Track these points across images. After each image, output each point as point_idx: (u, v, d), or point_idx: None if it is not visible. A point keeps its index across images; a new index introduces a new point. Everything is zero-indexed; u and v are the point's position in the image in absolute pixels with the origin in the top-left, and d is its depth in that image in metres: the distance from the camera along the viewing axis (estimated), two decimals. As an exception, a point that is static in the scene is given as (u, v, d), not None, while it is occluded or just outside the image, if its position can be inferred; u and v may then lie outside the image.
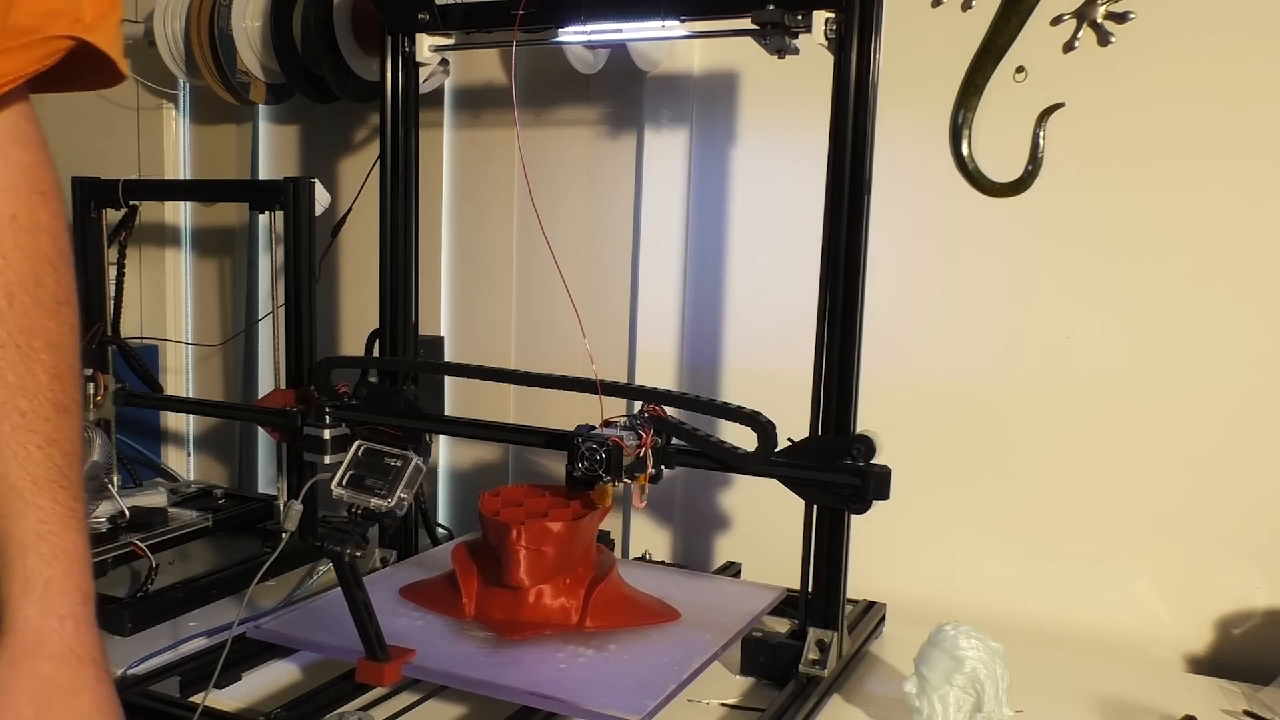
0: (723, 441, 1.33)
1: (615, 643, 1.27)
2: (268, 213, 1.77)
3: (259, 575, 1.28)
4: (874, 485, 1.27)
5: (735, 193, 1.78)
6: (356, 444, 1.19)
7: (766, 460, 1.30)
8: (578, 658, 1.23)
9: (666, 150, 1.80)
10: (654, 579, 1.47)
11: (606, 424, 1.31)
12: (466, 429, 1.67)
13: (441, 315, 2.02)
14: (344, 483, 1.17)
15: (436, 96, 1.95)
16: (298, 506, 1.23)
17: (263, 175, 2.17)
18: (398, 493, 1.15)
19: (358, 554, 1.12)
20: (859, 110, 1.28)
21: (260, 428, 2.06)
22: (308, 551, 1.66)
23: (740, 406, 1.30)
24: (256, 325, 2.18)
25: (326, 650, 1.27)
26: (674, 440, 1.34)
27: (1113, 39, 1.51)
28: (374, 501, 1.15)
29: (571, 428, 1.31)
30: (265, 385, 2.15)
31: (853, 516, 1.31)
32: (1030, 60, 1.56)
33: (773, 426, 1.28)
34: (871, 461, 1.28)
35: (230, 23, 1.89)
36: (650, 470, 1.30)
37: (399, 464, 1.16)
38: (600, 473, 1.26)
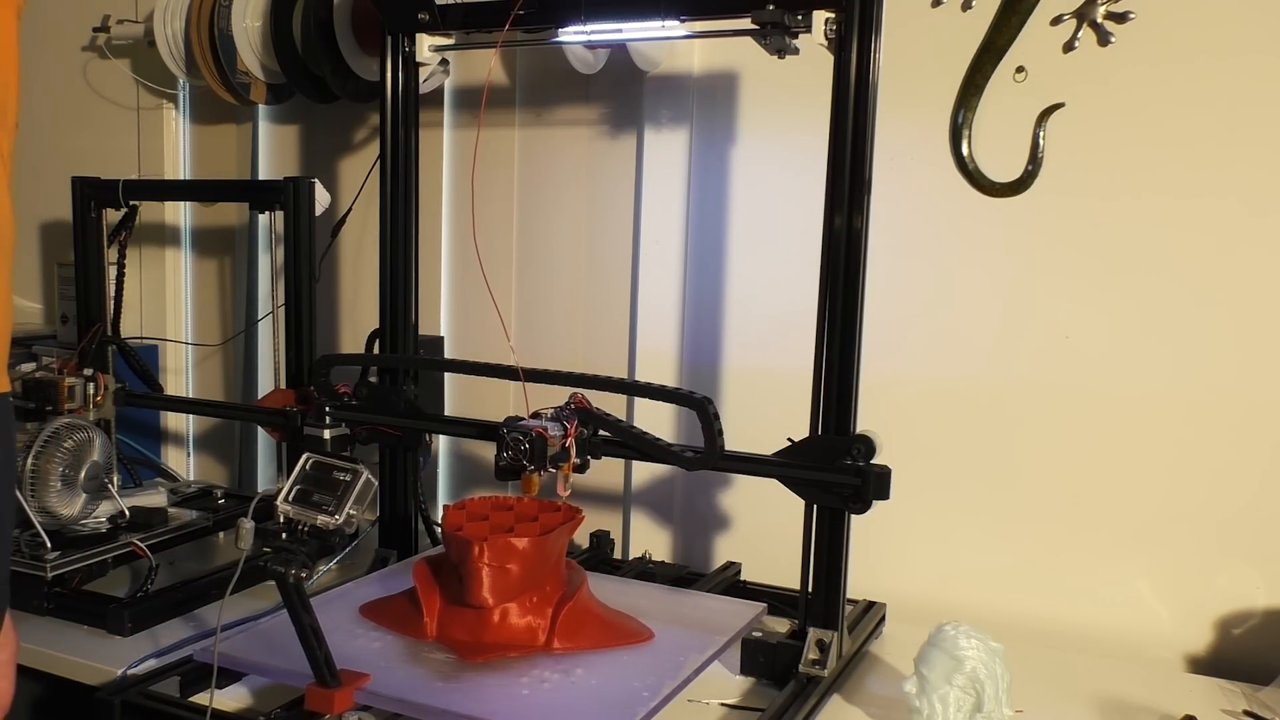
0: (645, 433, 1.34)
1: (583, 666, 1.21)
2: (268, 213, 1.77)
3: (227, 590, 1.21)
4: (874, 485, 1.27)
5: (735, 192, 1.77)
6: (305, 457, 1.12)
7: (714, 456, 1.30)
8: (542, 683, 1.17)
9: (666, 150, 1.80)
10: (629, 595, 1.43)
11: (534, 415, 1.32)
12: (462, 428, 1.67)
13: (441, 315, 2.02)
14: (290, 498, 1.10)
15: (436, 96, 1.95)
16: (249, 524, 1.16)
17: (263, 175, 2.17)
18: (346, 509, 1.08)
19: (304, 575, 1.05)
20: (859, 110, 1.28)
21: (260, 428, 2.06)
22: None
23: (691, 392, 1.30)
24: (256, 325, 2.17)
25: (276, 675, 1.21)
26: (600, 432, 1.34)
27: (1113, 39, 1.51)
28: (321, 519, 1.08)
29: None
30: (265, 385, 2.15)
31: (853, 516, 1.31)
32: (1030, 60, 1.56)
33: (711, 405, 1.28)
34: (871, 461, 1.28)
35: (230, 23, 1.89)
36: (574, 460, 1.31)
37: (348, 478, 1.10)
38: (524, 462, 1.27)
